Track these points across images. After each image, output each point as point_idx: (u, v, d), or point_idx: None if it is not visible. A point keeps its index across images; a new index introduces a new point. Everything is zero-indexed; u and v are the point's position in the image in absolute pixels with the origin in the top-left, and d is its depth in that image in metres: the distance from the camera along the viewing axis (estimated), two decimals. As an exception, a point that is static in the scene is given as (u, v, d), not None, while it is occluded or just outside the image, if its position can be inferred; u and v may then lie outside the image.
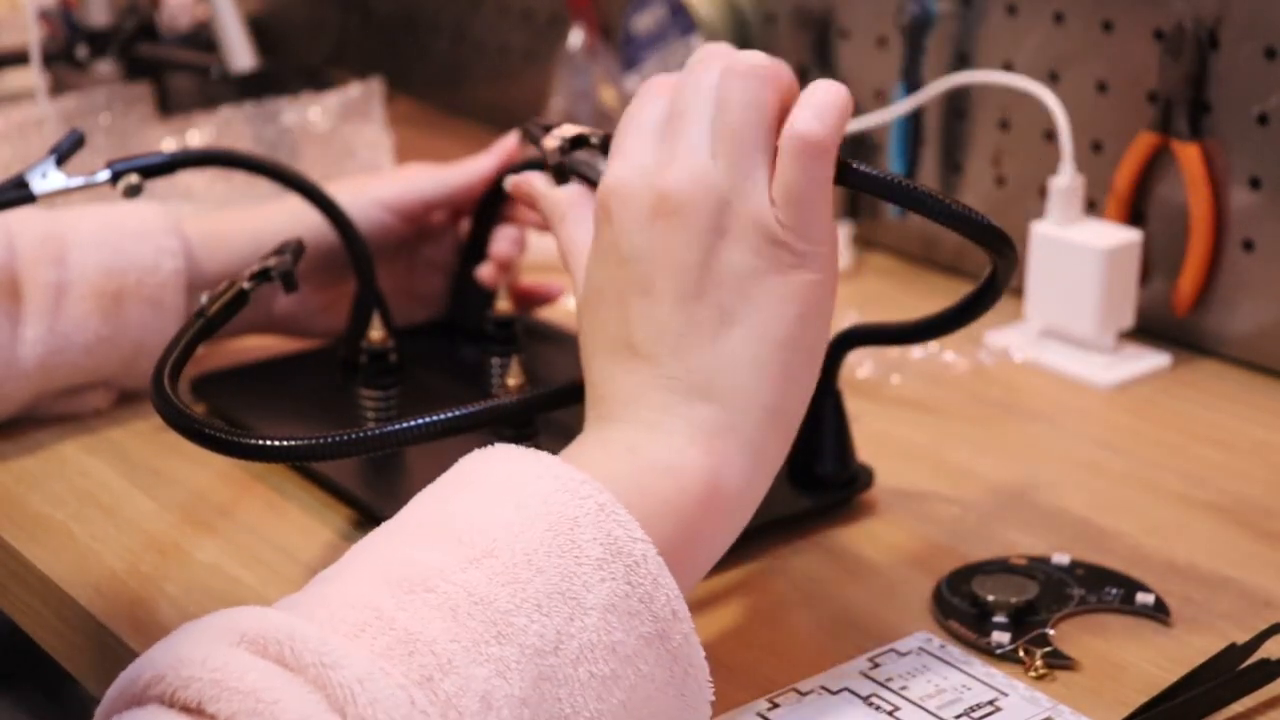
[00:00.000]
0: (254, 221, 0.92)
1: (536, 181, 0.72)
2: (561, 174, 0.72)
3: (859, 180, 0.63)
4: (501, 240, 0.95)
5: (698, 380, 0.61)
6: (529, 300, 0.99)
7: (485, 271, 0.95)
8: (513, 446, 0.60)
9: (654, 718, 0.56)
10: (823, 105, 0.61)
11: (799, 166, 0.61)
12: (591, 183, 0.70)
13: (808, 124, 0.61)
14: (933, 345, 0.98)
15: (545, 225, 0.96)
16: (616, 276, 0.63)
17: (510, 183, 0.74)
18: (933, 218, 0.63)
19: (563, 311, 1.04)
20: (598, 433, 0.63)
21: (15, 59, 1.40)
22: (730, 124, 0.61)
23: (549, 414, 0.73)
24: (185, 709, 0.49)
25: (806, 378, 0.63)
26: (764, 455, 0.62)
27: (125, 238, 0.88)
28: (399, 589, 0.53)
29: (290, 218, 0.91)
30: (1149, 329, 0.99)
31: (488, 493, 0.57)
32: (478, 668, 0.52)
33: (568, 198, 0.70)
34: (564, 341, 0.97)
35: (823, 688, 0.65)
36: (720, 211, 0.61)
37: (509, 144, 0.95)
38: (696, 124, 0.62)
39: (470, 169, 0.94)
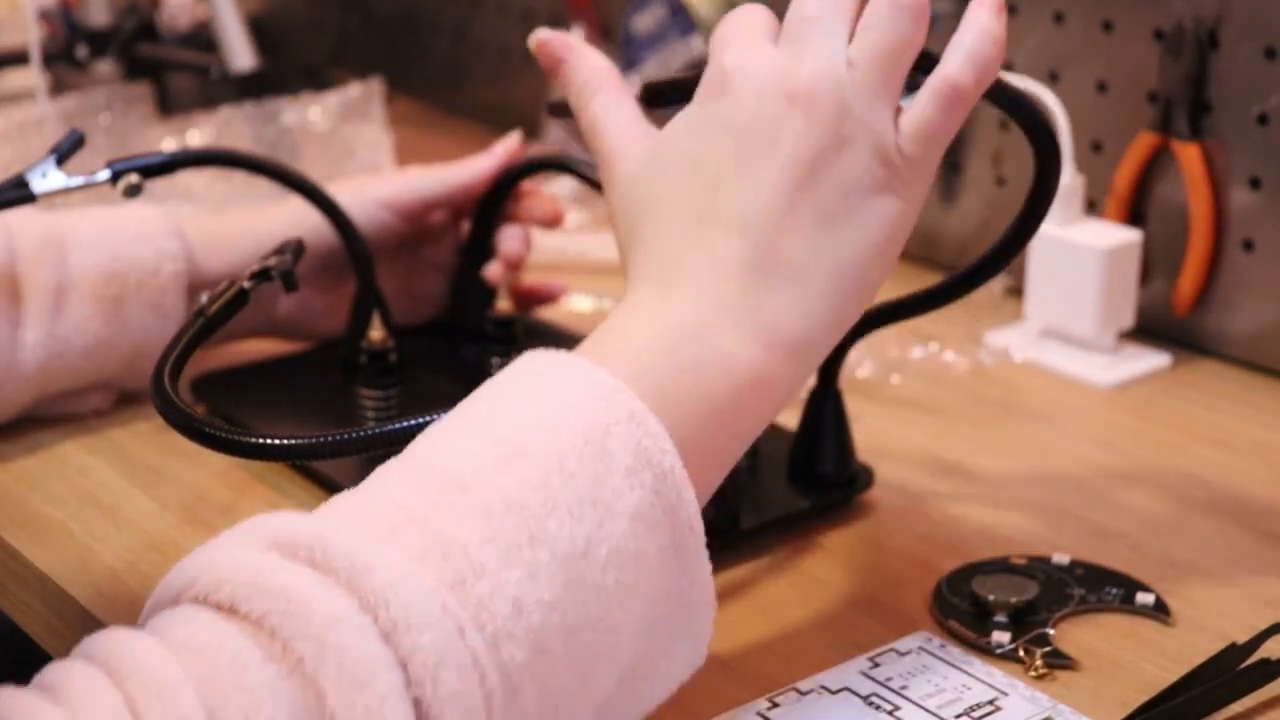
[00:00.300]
0: (254, 223, 0.92)
1: (574, 41, 0.69)
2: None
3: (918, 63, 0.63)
4: (510, 239, 0.95)
5: (783, 268, 0.60)
6: (530, 300, 0.99)
7: (493, 270, 0.95)
8: (547, 351, 0.60)
9: (661, 625, 0.57)
10: (979, 56, 0.61)
11: (939, 109, 0.61)
12: None
13: (960, 73, 0.61)
14: (933, 345, 0.98)
15: (549, 223, 0.97)
16: (718, 148, 0.61)
17: (538, 39, 0.70)
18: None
19: (563, 311, 1.04)
20: (656, 305, 0.61)
21: (15, 59, 1.40)
22: (876, 48, 0.61)
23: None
24: (218, 609, 0.50)
25: (865, 298, 0.63)
26: (808, 363, 0.62)
27: (126, 240, 0.88)
28: (433, 489, 0.54)
29: (291, 219, 0.90)
30: (1149, 329, 0.99)
31: (522, 395, 0.58)
32: (510, 571, 0.52)
33: (606, 68, 0.68)
34: (564, 342, 0.97)
35: (823, 687, 0.65)
36: (845, 119, 0.60)
37: (509, 144, 0.95)
38: (832, 32, 0.61)
39: (470, 169, 0.94)
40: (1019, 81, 0.97)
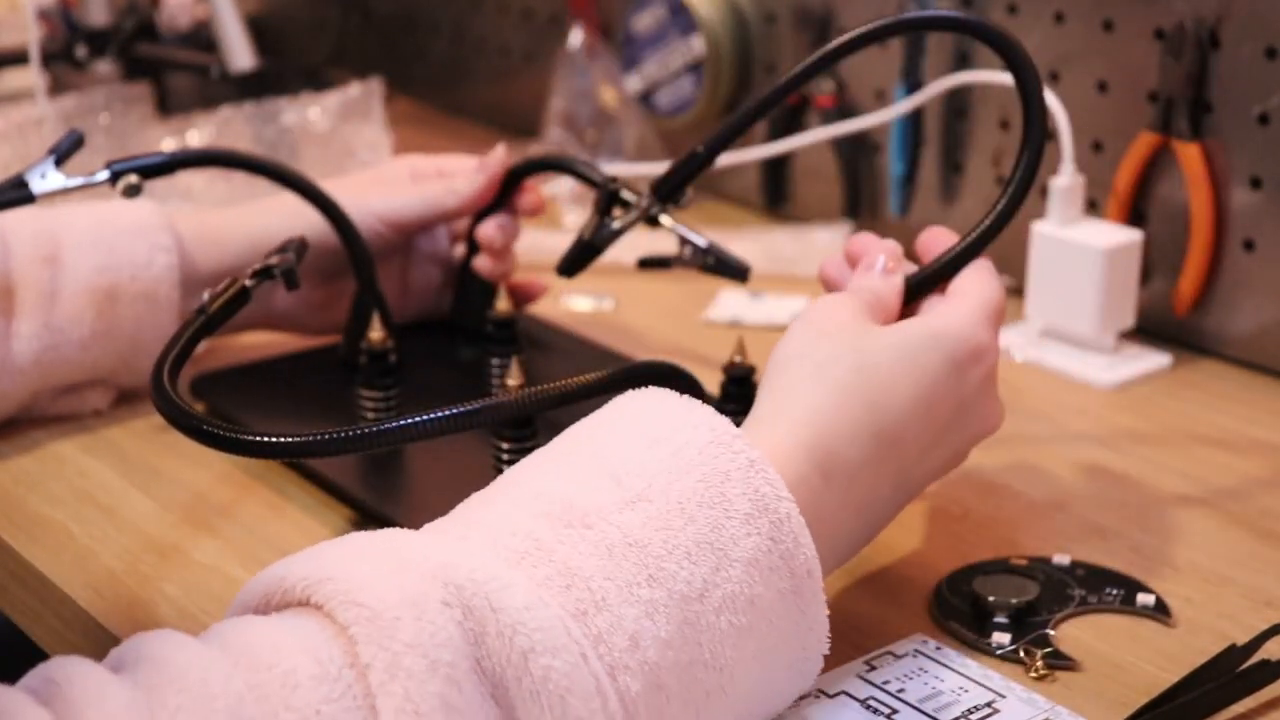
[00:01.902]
0: (248, 219, 0.92)
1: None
2: None
3: None
4: (488, 226, 0.95)
5: (901, 478, 0.67)
6: (514, 297, 0.98)
7: (481, 262, 0.95)
8: (669, 392, 0.63)
9: (774, 662, 0.59)
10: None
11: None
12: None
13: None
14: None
15: (530, 212, 0.97)
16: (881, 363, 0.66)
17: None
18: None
19: (562, 311, 1.04)
20: (792, 441, 0.63)
21: (15, 59, 1.40)
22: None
23: (549, 414, 0.73)
24: (299, 607, 0.53)
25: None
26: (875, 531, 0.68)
27: (119, 235, 0.88)
28: (558, 522, 0.56)
29: (285, 214, 0.91)
30: (1149, 329, 0.99)
31: (644, 435, 0.60)
32: (629, 607, 0.54)
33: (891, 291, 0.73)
34: (564, 341, 0.97)
35: (820, 691, 0.65)
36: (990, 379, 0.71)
37: (497, 159, 0.95)
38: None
39: (463, 191, 0.94)
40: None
